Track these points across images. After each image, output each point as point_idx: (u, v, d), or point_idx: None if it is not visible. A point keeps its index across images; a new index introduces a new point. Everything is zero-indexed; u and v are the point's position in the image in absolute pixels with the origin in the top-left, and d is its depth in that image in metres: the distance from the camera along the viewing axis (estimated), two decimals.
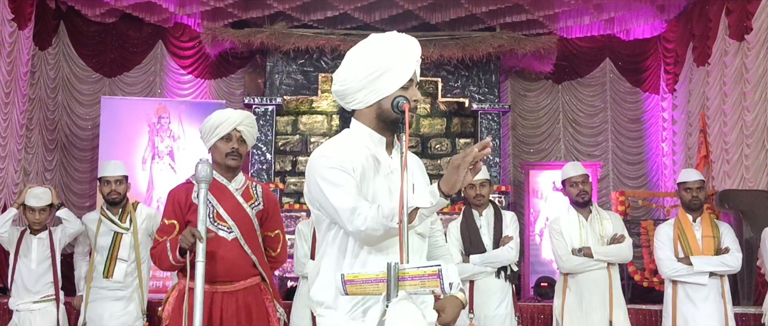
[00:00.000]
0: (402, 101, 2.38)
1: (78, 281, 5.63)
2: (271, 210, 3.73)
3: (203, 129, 3.66)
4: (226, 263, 3.49)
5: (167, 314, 3.56)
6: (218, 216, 3.54)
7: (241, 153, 3.62)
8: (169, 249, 3.46)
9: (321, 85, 10.14)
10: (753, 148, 7.96)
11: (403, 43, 2.44)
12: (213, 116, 3.64)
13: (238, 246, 3.55)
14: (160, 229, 3.63)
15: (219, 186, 3.59)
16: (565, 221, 5.20)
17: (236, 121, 3.60)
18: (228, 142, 3.60)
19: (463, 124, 10.61)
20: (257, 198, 3.68)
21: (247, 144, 3.68)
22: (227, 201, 3.58)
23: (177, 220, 3.58)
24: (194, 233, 3.26)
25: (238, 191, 3.64)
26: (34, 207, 5.43)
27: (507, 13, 10.10)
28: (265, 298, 3.64)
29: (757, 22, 7.89)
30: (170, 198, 3.65)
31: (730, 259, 5.02)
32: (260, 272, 3.62)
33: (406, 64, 2.41)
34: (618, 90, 10.97)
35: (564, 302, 5.15)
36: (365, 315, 2.38)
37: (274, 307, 3.65)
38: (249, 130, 3.66)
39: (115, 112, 9.58)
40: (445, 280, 2.16)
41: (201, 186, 3.21)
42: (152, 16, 10.17)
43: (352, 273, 2.33)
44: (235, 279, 3.53)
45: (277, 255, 3.80)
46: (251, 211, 3.62)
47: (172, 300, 3.58)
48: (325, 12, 10.00)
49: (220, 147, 3.61)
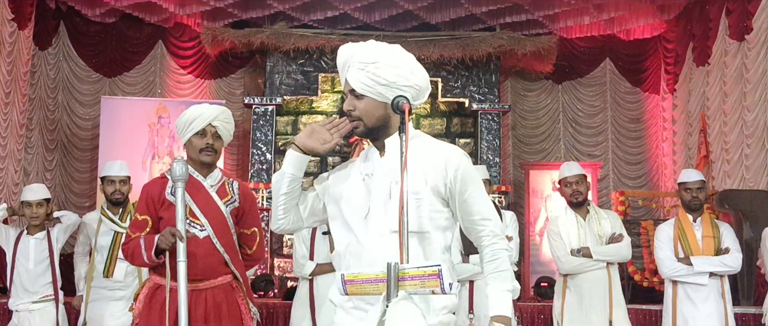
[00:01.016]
0: (402, 101, 2.38)
1: (78, 281, 5.63)
2: (248, 207, 3.67)
3: (178, 124, 3.60)
4: (197, 261, 3.42)
5: (138, 312, 3.50)
6: (191, 214, 3.48)
7: (216, 148, 3.56)
8: (144, 247, 3.42)
9: (321, 85, 10.14)
10: (753, 148, 7.96)
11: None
12: (188, 111, 3.59)
13: (210, 244, 3.49)
14: (133, 225, 3.58)
15: (194, 183, 3.52)
16: (563, 222, 5.20)
17: (211, 116, 3.54)
18: (202, 137, 3.53)
19: (463, 123, 10.61)
20: (233, 194, 3.63)
21: (223, 139, 3.61)
22: (201, 199, 3.53)
23: (149, 216, 3.53)
24: (174, 233, 3.23)
25: (213, 188, 3.58)
26: (31, 201, 5.43)
27: (507, 13, 10.10)
28: (237, 297, 3.57)
29: (757, 22, 7.89)
30: (144, 193, 3.59)
31: (731, 260, 5.02)
32: (233, 270, 3.56)
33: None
34: (618, 90, 10.97)
35: (564, 303, 5.15)
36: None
37: (247, 306, 3.59)
38: (224, 125, 3.59)
39: (115, 112, 9.58)
40: (445, 280, 2.17)
41: (177, 185, 3.17)
42: (152, 16, 10.17)
43: (352, 273, 2.33)
44: (205, 277, 3.47)
45: (253, 252, 3.73)
46: (226, 209, 3.56)
47: (143, 297, 3.51)
48: (325, 12, 9.99)
49: (194, 142, 3.55)
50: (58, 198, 9.72)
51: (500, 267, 2.40)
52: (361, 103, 2.43)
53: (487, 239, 2.43)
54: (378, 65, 2.40)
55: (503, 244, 2.43)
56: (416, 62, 2.50)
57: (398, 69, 2.42)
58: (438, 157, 2.43)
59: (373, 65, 2.40)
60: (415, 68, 2.46)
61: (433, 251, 2.39)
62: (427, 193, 2.39)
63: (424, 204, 2.38)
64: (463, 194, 2.41)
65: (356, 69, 2.42)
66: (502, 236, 2.45)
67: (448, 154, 2.44)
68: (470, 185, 2.42)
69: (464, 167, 2.42)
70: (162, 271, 3.40)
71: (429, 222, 2.39)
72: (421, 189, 2.39)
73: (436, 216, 2.41)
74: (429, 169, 2.41)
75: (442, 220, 2.43)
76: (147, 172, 9.47)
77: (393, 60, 2.43)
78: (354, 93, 2.44)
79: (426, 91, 2.52)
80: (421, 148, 2.45)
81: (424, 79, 2.50)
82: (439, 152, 2.45)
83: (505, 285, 2.37)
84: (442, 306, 2.34)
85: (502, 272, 2.39)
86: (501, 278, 2.38)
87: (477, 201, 2.43)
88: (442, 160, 2.42)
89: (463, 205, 2.42)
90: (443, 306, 2.35)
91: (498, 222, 2.47)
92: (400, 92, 2.40)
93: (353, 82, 2.42)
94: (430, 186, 2.39)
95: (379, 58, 2.41)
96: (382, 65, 2.40)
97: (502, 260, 2.41)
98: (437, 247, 2.41)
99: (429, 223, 2.39)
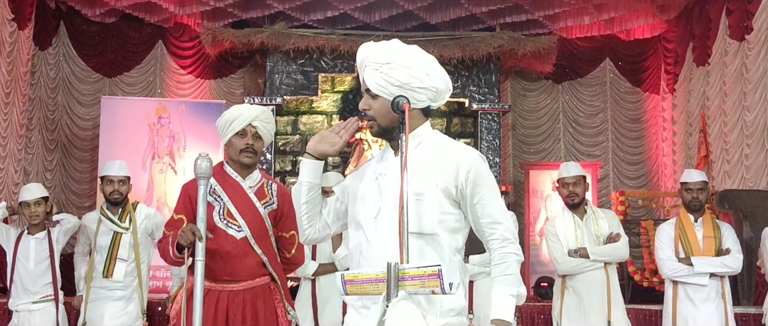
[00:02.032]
0: (402, 101, 2.38)
1: (78, 281, 5.63)
2: (286, 209, 3.59)
3: (219, 124, 3.57)
4: (234, 262, 3.43)
5: (175, 313, 3.50)
6: (229, 214, 3.47)
7: (256, 149, 3.53)
8: (170, 243, 3.40)
9: (321, 85, 10.13)
10: (753, 148, 7.96)
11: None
12: (229, 111, 3.56)
13: (248, 246, 3.47)
14: (169, 223, 3.59)
15: (232, 183, 3.52)
16: (561, 223, 5.20)
17: (251, 116, 3.50)
18: (243, 137, 3.51)
19: (463, 123, 10.61)
20: (272, 197, 3.60)
21: (264, 140, 3.58)
22: (239, 199, 3.51)
23: (186, 215, 3.51)
24: (194, 231, 3.21)
25: (251, 189, 3.56)
26: (28, 200, 5.43)
27: (507, 13, 10.10)
28: (274, 299, 3.56)
29: (757, 22, 7.88)
30: (183, 192, 3.59)
31: (731, 260, 5.02)
32: (271, 272, 3.54)
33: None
34: (618, 90, 10.97)
35: (563, 303, 5.15)
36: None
37: (284, 309, 3.56)
38: (265, 126, 3.56)
39: (115, 112, 9.58)
40: (446, 280, 2.17)
41: (200, 183, 3.10)
42: (152, 16, 10.16)
43: (352, 273, 2.33)
44: (242, 278, 3.46)
45: (292, 256, 3.69)
46: (264, 210, 3.54)
47: (180, 298, 3.50)
48: (325, 12, 9.99)
49: (234, 143, 3.52)
50: (58, 199, 9.72)
51: (507, 271, 2.37)
52: (376, 103, 2.44)
53: (496, 242, 2.41)
54: (392, 66, 2.40)
55: (513, 248, 2.40)
56: (435, 64, 2.48)
57: (412, 70, 2.41)
58: (451, 158, 2.42)
59: (387, 66, 2.40)
60: (431, 70, 2.45)
61: (442, 253, 2.38)
62: (437, 195, 2.38)
63: (433, 206, 2.37)
64: (474, 197, 2.40)
65: (372, 69, 2.43)
66: (513, 240, 2.41)
67: (461, 156, 2.43)
68: (482, 188, 2.40)
69: (476, 169, 2.41)
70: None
71: (438, 224, 2.38)
72: (430, 190, 2.38)
73: (446, 218, 2.40)
74: (440, 171, 2.40)
75: (452, 222, 2.41)
76: (147, 172, 9.46)
77: (407, 61, 2.42)
78: (369, 92, 2.45)
79: (445, 93, 2.51)
80: (434, 149, 2.45)
81: (443, 81, 2.48)
82: (452, 154, 2.43)
83: (509, 289, 2.34)
84: (449, 308, 2.34)
85: (509, 276, 2.36)
86: (507, 282, 2.35)
87: (488, 204, 2.41)
88: (455, 162, 2.41)
89: (473, 208, 2.41)
90: (451, 309, 2.34)
91: (509, 225, 2.44)
92: (414, 93, 2.40)
93: (368, 81, 2.43)
94: (440, 187, 2.38)
95: (393, 58, 2.41)
96: (395, 66, 2.40)
97: (510, 264, 2.38)
98: (446, 249, 2.40)
99: (437, 225, 2.38)
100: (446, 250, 2.40)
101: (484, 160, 2.48)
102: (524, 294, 2.39)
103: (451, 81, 2.57)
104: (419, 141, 2.48)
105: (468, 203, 2.41)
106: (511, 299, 2.34)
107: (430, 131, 2.52)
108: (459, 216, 2.43)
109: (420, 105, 2.46)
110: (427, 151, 2.44)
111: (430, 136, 2.50)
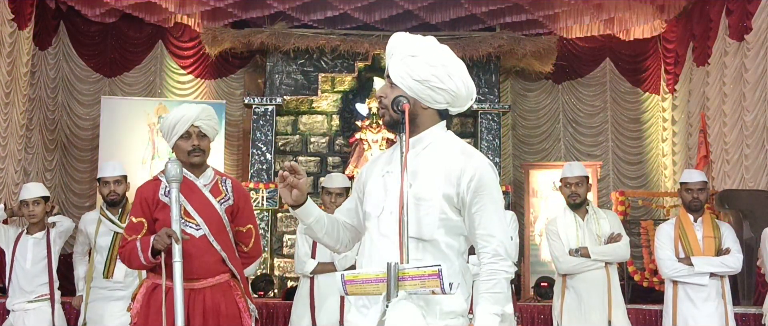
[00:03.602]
0: (402, 101, 2.38)
1: (77, 281, 5.63)
2: (242, 204, 3.67)
3: (162, 130, 3.62)
4: (195, 260, 3.43)
5: (136, 312, 3.50)
6: (186, 214, 3.49)
7: (202, 148, 3.57)
8: (140, 249, 3.42)
9: (321, 85, 10.13)
10: (753, 148, 7.95)
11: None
12: (169, 116, 3.60)
13: (207, 243, 3.50)
14: (128, 227, 3.58)
15: (186, 183, 3.52)
16: (562, 222, 5.21)
17: (192, 118, 3.53)
18: (188, 139, 3.54)
19: (463, 123, 10.61)
20: (227, 193, 3.63)
21: (209, 136, 3.61)
22: (195, 198, 3.53)
23: (145, 218, 3.53)
24: (170, 234, 3.23)
25: (206, 187, 3.59)
26: (27, 199, 5.44)
27: (507, 13, 10.10)
28: (235, 295, 3.58)
29: (757, 22, 7.88)
30: (138, 196, 3.60)
31: (731, 260, 5.02)
32: (230, 268, 3.57)
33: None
34: (618, 90, 10.97)
35: (563, 303, 5.15)
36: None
37: (245, 304, 3.59)
38: (207, 123, 3.58)
39: (115, 112, 9.58)
40: (446, 280, 2.17)
41: (172, 186, 3.18)
42: (152, 16, 10.16)
43: (352, 273, 2.33)
44: (203, 276, 3.48)
45: (250, 250, 3.73)
46: (220, 207, 3.57)
47: (140, 297, 3.52)
48: (325, 12, 9.99)
49: (181, 146, 3.56)
50: (58, 199, 9.71)
51: (494, 289, 2.31)
52: (393, 93, 2.42)
53: (486, 257, 2.36)
54: (416, 59, 2.39)
55: (504, 266, 2.33)
56: (462, 68, 2.44)
57: (435, 69, 2.38)
58: (456, 164, 2.38)
59: (411, 58, 2.39)
60: (455, 73, 2.41)
61: (442, 257, 2.35)
62: (439, 200, 2.36)
63: (433, 211, 2.36)
64: (473, 206, 2.36)
65: (398, 58, 2.42)
66: (504, 257, 2.35)
67: (466, 162, 2.38)
68: (483, 197, 2.36)
69: (479, 177, 2.36)
70: (159, 271, 3.40)
71: (437, 229, 2.36)
72: (431, 195, 2.36)
73: (448, 224, 2.38)
74: (444, 176, 2.37)
75: (454, 227, 2.39)
76: (147, 172, 9.46)
77: (432, 59, 2.40)
78: (390, 80, 2.44)
79: (466, 100, 2.47)
80: (442, 153, 2.42)
81: (465, 87, 2.44)
82: (458, 159, 2.39)
83: (494, 307, 2.29)
84: (449, 309, 2.33)
85: (496, 294, 2.31)
86: (492, 300, 2.30)
87: (486, 215, 2.36)
88: (459, 169, 2.37)
89: (471, 217, 2.37)
90: (451, 310, 2.33)
91: (503, 240, 2.37)
92: (432, 92, 2.39)
93: (391, 70, 2.43)
94: (442, 193, 2.36)
95: (419, 52, 2.40)
96: (419, 61, 2.39)
97: (498, 282, 2.32)
98: (448, 252, 2.38)
99: (437, 230, 2.36)
100: (447, 253, 2.38)
101: (491, 169, 2.42)
102: (510, 312, 2.36)
103: None
104: (428, 143, 2.45)
105: (467, 211, 2.38)
106: (495, 318, 2.29)
107: (443, 133, 2.47)
108: (461, 222, 2.41)
109: (436, 106, 2.43)
110: (434, 155, 2.42)
111: (440, 139, 2.46)
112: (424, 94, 2.39)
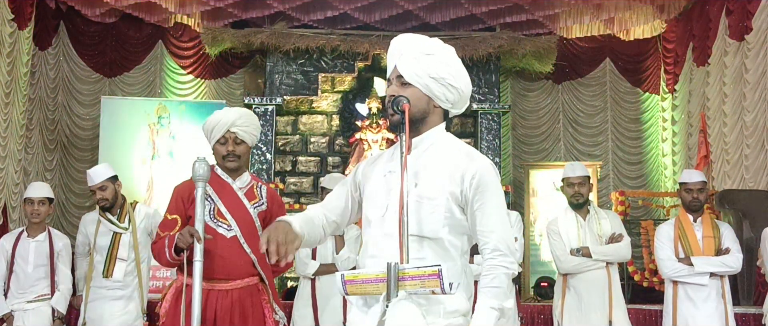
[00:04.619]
0: (403, 101, 2.38)
1: (77, 281, 5.63)
2: (275, 210, 3.66)
3: (204, 132, 3.65)
4: (224, 261, 3.45)
5: (164, 311, 3.53)
6: (219, 214, 3.51)
7: (238, 154, 3.58)
8: (167, 245, 3.43)
9: (321, 85, 10.13)
10: (753, 148, 7.95)
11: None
12: (209, 119, 3.63)
13: (238, 245, 3.51)
14: (162, 224, 3.61)
15: (221, 183, 3.56)
16: (563, 221, 5.21)
17: (228, 123, 3.55)
18: (223, 144, 3.57)
19: (463, 123, 10.61)
20: (261, 198, 3.65)
21: (247, 142, 3.62)
22: (228, 199, 3.55)
23: (179, 215, 3.55)
24: (192, 233, 3.24)
25: (241, 190, 3.61)
26: (33, 198, 5.43)
27: (507, 13, 10.10)
28: (262, 299, 3.59)
29: (757, 22, 7.88)
30: (175, 194, 3.63)
31: (731, 260, 5.02)
32: (259, 273, 3.57)
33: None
34: (618, 90, 10.97)
35: (563, 303, 5.16)
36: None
37: (271, 309, 3.60)
38: (244, 129, 3.60)
39: (115, 112, 9.58)
40: (446, 280, 2.17)
41: (198, 185, 3.19)
42: (152, 16, 10.16)
43: (352, 273, 2.34)
44: (231, 277, 3.49)
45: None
46: (253, 211, 3.58)
47: (169, 297, 3.55)
48: (325, 12, 9.99)
49: (217, 150, 3.61)
50: (58, 199, 9.70)
51: (493, 283, 2.33)
52: (406, 92, 2.43)
53: (487, 253, 2.38)
54: (433, 58, 2.44)
55: (504, 261, 2.35)
56: (465, 70, 2.54)
57: (450, 68, 2.47)
58: (459, 164, 2.40)
59: (428, 57, 2.44)
60: (461, 73, 2.51)
61: (445, 255, 2.37)
62: (444, 199, 2.37)
63: (437, 210, 2.36)
64: (475, 204, 2.38)
65: (411, 57, 2.44)
66: (505, 252, 2.36)
67: (469, 162, 2.41)
68: (483, 196, 2.38)
69: (481, 176, 2.38)
70: (188, 270, 3.40)
71: (442, 228, 2.37)
72: (435, 194, 2.37)
73: (453, 222, 2.39)
74: (448, 175, 2.39)
75: (458, 225, 2.41)
76: (147, 172, 9.46)
77: (447, 58, 2.48)
78: (401, 79, 2.45)
79: (466, 101, 2.55)
80: (445, 152, 2.44)
81: (467, 87, 2.53)
82: (461, 159, 2.42)
83: (492, 301, 2.30)
84: (452, 309, 2.33)
85: (495, 288, 2.32)
86: (491, 294, 2.31)
87: (487, 212, 2.38)
88: (462, 168, 2.39)
89: (472, 214, 2.39)
90: (454, 310, 2.34)
91: (504, 236, 2.38)
92: (446, 90, 2.44)
93: (403, 69, 2.44)
94: (447, 191, 2.37)
95: (435, 51, 2.46)
96: (436, 59, 2.44)
97: (496, 276, 2.33)
98: (451, 251, 2.39)
99: (441, 229, 2.37)
100: (450, 252, 2.39)
101: (493, 169, 2.45)
102: (509, 307, 2.36)
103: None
104: (431, 142, 2.47)
105: (469, 209, 2.40)
106: (493, 312, 2.29)
107: (445, 134, 2.52)
108: (465, 221, 2.42)
109: (445, 105, 2.48)
110: (438, 154, 2.43)
111: (442, 139, 2.49)
112: (439, 91, 2.44)
